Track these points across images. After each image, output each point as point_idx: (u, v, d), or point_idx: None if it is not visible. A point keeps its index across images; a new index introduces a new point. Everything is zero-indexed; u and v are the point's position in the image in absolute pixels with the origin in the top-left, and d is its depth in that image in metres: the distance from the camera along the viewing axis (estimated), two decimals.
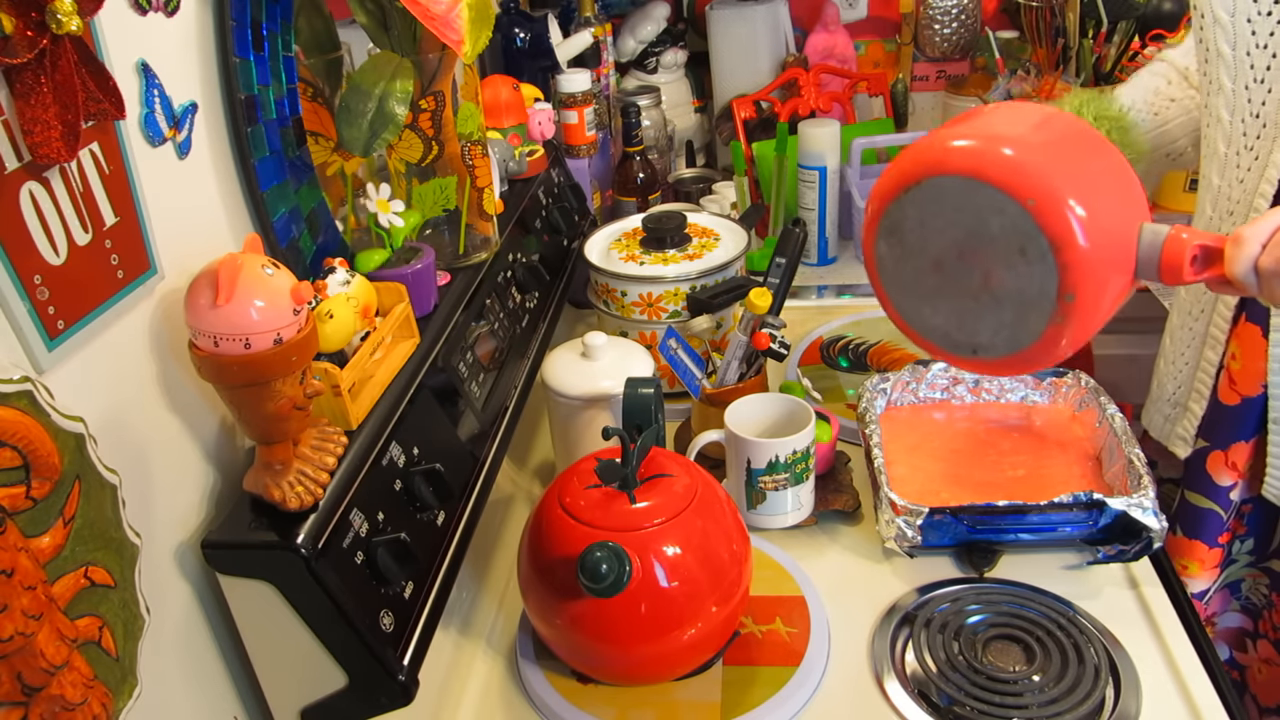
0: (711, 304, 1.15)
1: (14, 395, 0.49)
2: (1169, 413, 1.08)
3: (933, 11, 1.83)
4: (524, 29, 1.49)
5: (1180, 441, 1.06)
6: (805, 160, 1.50)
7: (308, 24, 0.83)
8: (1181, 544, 1.06)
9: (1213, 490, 1.02)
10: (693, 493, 0.80)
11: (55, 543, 0.51)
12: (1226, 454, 0.99)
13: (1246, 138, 0.90)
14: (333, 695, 0.70)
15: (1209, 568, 1.06)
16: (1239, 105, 0.90)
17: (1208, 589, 1.08)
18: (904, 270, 0.72)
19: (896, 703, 0.80)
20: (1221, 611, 1.11)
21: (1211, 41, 0.90)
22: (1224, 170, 0.93)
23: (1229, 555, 1.07)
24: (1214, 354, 0.98)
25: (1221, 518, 1.02)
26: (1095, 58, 1.64)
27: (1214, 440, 1.01)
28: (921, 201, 0.68)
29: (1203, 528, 1.04)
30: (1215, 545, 1.04)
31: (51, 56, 0.50)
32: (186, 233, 0.68)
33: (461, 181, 0.94)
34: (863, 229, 0.74)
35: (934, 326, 0.73)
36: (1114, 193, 0.65)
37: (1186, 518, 1.04)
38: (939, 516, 0.89)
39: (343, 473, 0.69)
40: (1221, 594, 1.10)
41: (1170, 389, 1.07)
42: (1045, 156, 0.63)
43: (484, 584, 0.99)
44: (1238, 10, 0.86)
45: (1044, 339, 0.66)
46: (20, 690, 0.48)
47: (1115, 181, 0.66)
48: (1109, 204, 0.64)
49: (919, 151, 0.68)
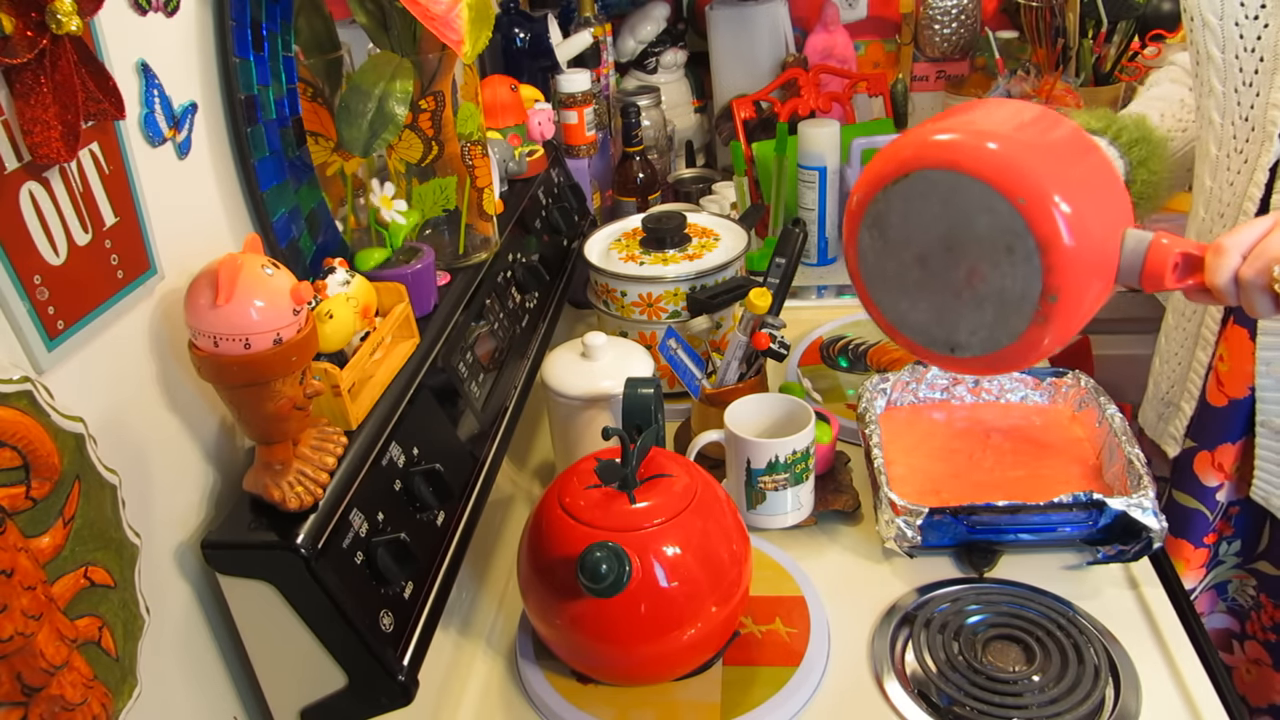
0: (711, 304, 1.15)
1: (14, 395, 0.49)
2: (1162, 411, 1.08)
3: (933, 11, 1.83)
4: (524, 29, 1.49)
5: (1171, 440, 1.06)
6: (805, 160, 1.50)
7: (308, 24, 0.83)
8: (1169, 543, 1.06)
9: (1199, 491, 1.02)
10: (693, 493, 0.80)
11: (55, 543, 0.51)
12: (1213, 455, 1.00)
13: (1236, 140, 0.90)
14: (333, 695, 0.70)
15: (1194, 567, 1.06)
16: (1229, 108, 0.90)
17: (1194, 589, 1.08)
18: (886, 264, 0.71)
19: (896, 703, 0.80)
20: (1208, 612, 1.12)
21: (1201, 44, 0.90)
22: (1215, 172, 0.94)
23: (1216, 556, 1.07)
24: (1205, 355, 0.98)
25: (1208, 518, 1.02)
26: (1095, 58, 1.64)
27: (1201, 441, 1.01)
28: (908, 195, 0.67)
29: (1189, 528, 1.04)
30: (1201, 545, 1.04)
31: (51, 56, 0.49)
32: (186, 233, 0.68)
33: (461, 181, 0.94)
34: (845, 219, 0.73)
35: (913, 322, 0.72)
36: (1102, 197, 0.65)
37: (1173, 517, 1.04)
38: (939, 516, 0.89)
39: (343, 473, 0.69)
40: (1208, 595, 1.10)
41: (1164, 388, 1.08)
42: (1037, 156, 0.63)
43: (484, 584, 0.99)
44: (1225, 14, 0.86)
45: (1023, 339, 0.66)
46: (20, 690, 0.48)
47: (1103, 185, 0.65)
48: (1097, 208, 0.63)
49: (907, 143, 0.67)
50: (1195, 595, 1.09)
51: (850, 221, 0.72)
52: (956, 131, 0.65)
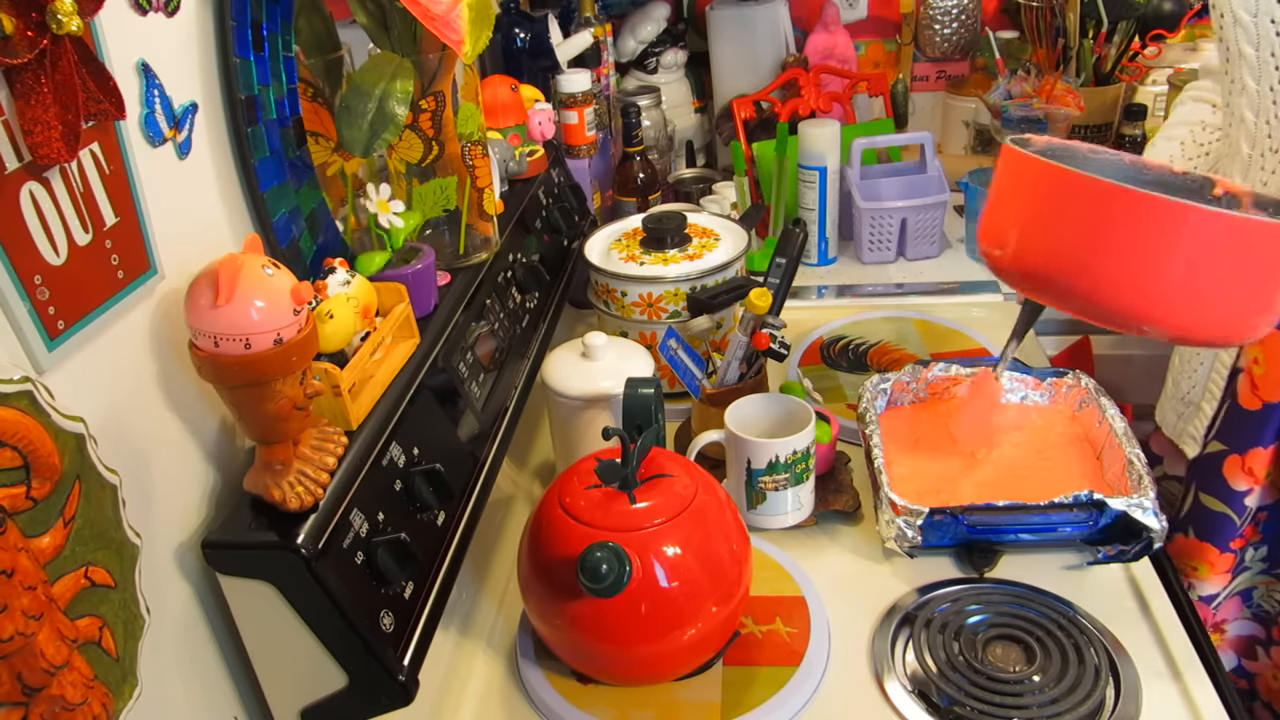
0: (711, 304, 1.15)
1: (14, 395, 0.49)
2: (1182, 410, 1.07)
3: (933, 11, 1.83)
4: (524, 29, 1.49)
5: (1190, 440, 1.05)
6: (805, 160, 1.50)
7: (308, 24, 0.83)
8: (1192, 545, 1.05)
9: (1227, 494, 1.01)
10: (693, 493, 0.80)
11: (55, 543, 0.51)
12: (1244, 459, 0.98)
13: (1272, 139, 0.89)
14: (333, 695, 0.70)
15: (1219, 572, 1.05)
16: (1264, 106, 0.89)
17: (1218, 594, 1.07)
18: None
19: (896, 703, 0.80)
20: (1232, 618, 1.10)
21: (1233, 42, 0.89)
22: (1248, 170, 0.92)
23: (1241, 562, 1.06)
24: (1228, 355, 0.97)
25: (1235, 523, 1.01)
26: (1095, 58, 1.64)
27: (1232, 444, 1.00)
28: None
29: (1215, 531, 1.03)
30: (1227, 550, 1.03)
31: (52, 56, 0.50)
32: (186, 233, 0.68)
33: (461, 182, 0.94)
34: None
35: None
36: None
37: (1199, 520, 1.03)
38: (939, 516, 0.89)
39: (343, 473, 0.69)
40: (1232, 600, 1.09)
41: (1185, 387, 1.06)
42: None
43: (484, 584, 0.99)
44: (1260, 10, 0.85)
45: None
46: (20, 690, 0.48)
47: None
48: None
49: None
50: (1219, 601, 1.08)
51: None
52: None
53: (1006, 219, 0.82)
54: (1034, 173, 0.78)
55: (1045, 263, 0.78)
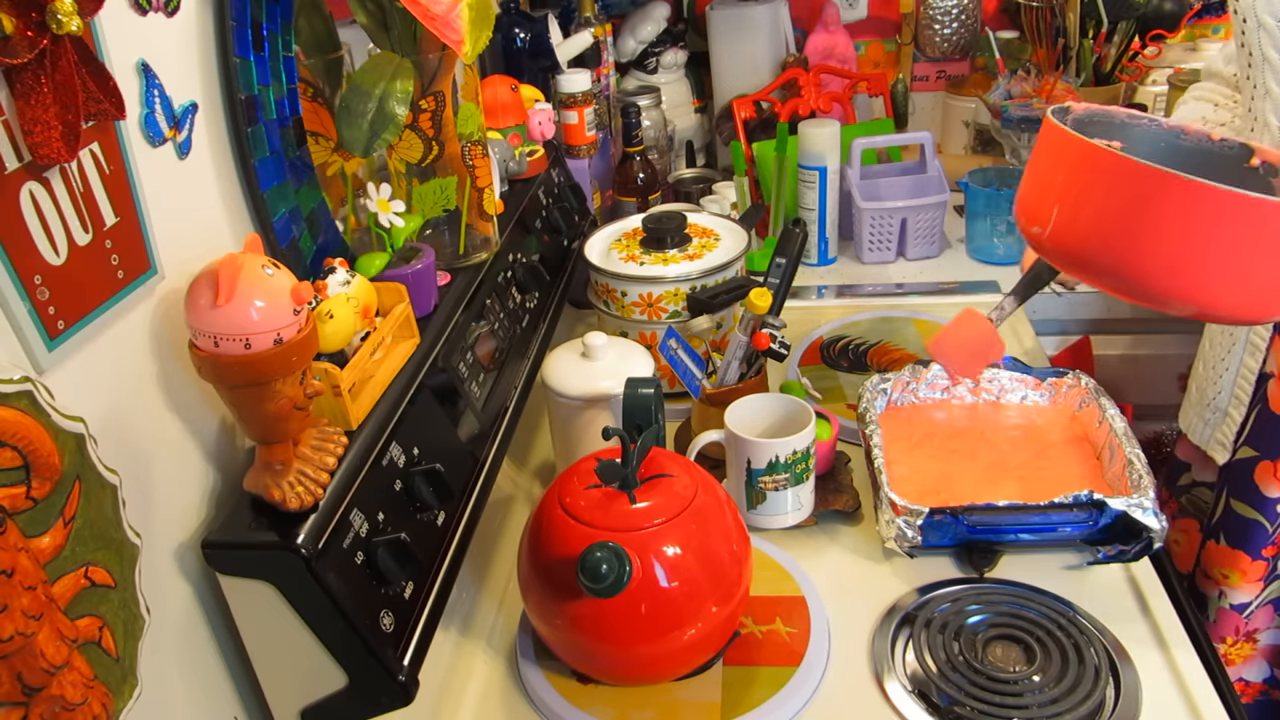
0: (711, 304, 1.15)
1: (14, 395, 0.49)
2: (1209, 418, 1.06)
3: (933, 11, 1.83)
4: (524, 29, 1.49)
5: (1219, 447, 1.04)
6: (805, 160, 1.50)
7: (308, 24, 0.83)
8: (1224, 553, 1.03)
9: (1259, 501, 1.00)
10: (693, 493, 0.80)
11: (55, 543, 0.51)
12: (1275, 465, 0.97)
13: None
14: (333, 695, 0.70)
15: (1252, 580, 1.04)
16: None
17: (1250, 602, 1.05)
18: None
19: (896, 703, 0.80)
20: (1265, 627, 1.09)
21: (1256, 46, 0.88)
22: None
23: (1274, 570, 1.04)
24: (1254, 360, 0.97)
25: (1267, 530, 1.00)
26: (1095, 58, 1.64)
27: (1264, 450, 0.99)
28: None
29: (1247, 539, 1.02)
30: (1259, 558, 1.02)
31: (51, 56, 0.50)
32: (186, 233, 0.68)
33: (461, 182, 0.94)
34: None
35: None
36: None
37: (1230, 527, 1.02)
38: (939, 516, 0.89)
39: (343, 473, 0.69)
40: (1265, 609, 1.08)
41: (1210, 394, 1.05)
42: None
43: (484, 584, 0.99)
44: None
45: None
46: (20, 690, 0.48)
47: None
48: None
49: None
50: (1252, 610, 1.06)
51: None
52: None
53: (1046, 196, 0.78)
54: (1077, 152, 0.74)
55: (1087, 243, 0.75)
